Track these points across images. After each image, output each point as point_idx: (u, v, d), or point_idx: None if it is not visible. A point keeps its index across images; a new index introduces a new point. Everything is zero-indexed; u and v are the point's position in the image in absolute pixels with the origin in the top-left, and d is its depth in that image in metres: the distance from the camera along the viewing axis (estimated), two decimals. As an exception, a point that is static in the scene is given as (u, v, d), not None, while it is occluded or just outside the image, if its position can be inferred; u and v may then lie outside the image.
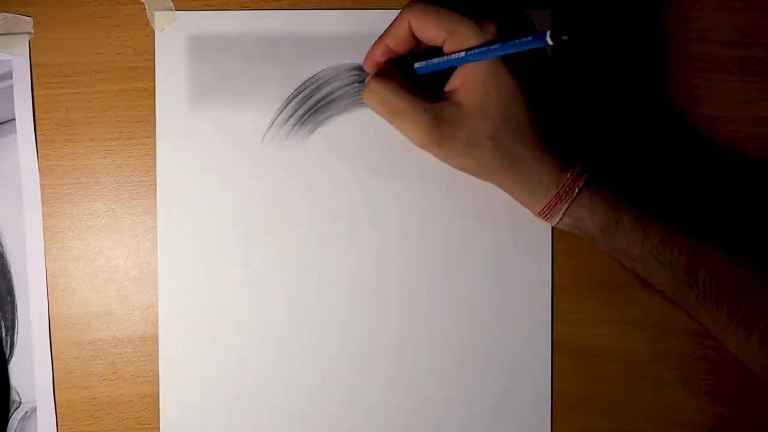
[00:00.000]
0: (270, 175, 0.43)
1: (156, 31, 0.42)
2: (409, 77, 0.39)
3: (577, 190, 0.37)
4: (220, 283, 0.42)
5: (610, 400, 0.44)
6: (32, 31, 0.42)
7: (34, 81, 0.42)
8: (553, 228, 0.43)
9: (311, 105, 0.43)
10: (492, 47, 0.36)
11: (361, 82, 0.43)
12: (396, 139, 0.43)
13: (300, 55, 0.43)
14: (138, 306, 0.42)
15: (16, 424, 0.42)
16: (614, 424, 0.44)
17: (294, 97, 0.43)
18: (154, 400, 0.42)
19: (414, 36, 0.38)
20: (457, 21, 0.36)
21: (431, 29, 0.37)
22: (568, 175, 0.37)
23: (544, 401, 0.43)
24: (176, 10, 0.42)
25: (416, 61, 0.40)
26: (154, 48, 0.42)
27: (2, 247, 0.42)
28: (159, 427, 0.42)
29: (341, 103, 0.43)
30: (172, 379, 0.42)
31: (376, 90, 0.38)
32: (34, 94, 0.42)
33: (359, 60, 0.42)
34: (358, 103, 0.43)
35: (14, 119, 0.42)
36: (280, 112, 0.43)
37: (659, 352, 0.44)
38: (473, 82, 0.37)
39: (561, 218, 0.37)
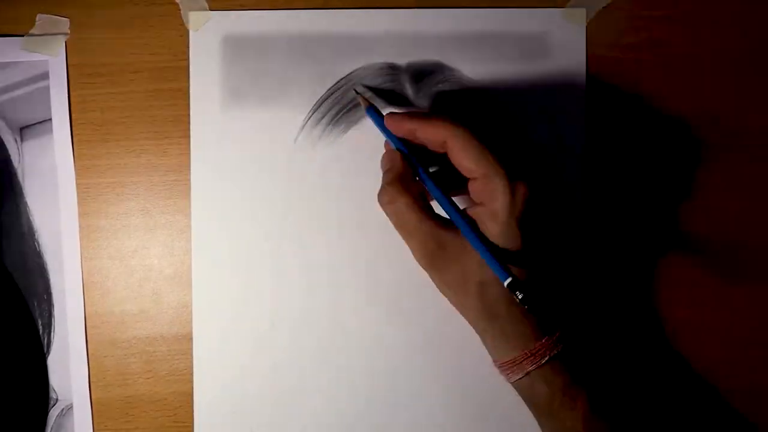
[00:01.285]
0: (303, 174, 0.43)
1: (190, 31, 0.42)
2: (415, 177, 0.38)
3: (547, 358, 0.36)
4: (253, 281, 0.42)
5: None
6: (68, 31, 0.42)
7: (70, 81, 0.42)
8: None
9: (344, 105, 0.43)
10: (474, 241, 0.35)
11: (394, 81, 0.43)
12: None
13: (333, 54, 0.43)
14: (172, 305, 0.43)
15: (53, 421, 0.42)
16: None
17: (327, 97, 0.43)
18: (189, 398, 0.42)
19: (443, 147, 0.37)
20: (495, 171, 0.35)
21: (468, 162, 0.36)
22: (543, 341, 0.36)
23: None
24: (210, 10, 0.42)
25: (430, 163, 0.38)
26: (188, 48, 0.42)
27: (39, 246, 0.42)
28: (193, 425, 0.42)
29: (375, 102, 0.43)
30: (206, 377, 0.42)
31: (391, 198, 0.37)
32: (70, 94, 0.42)
33: (392, 59, 0.43)
34: (391, 102, 0.43)
35: (51, 119, 0.42)
36: (314, 112, 0.43)
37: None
38: (482, 227, 0.36)
39: (520, 378, 0.37)
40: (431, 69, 0.43)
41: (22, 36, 0.42)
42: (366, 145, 0.43)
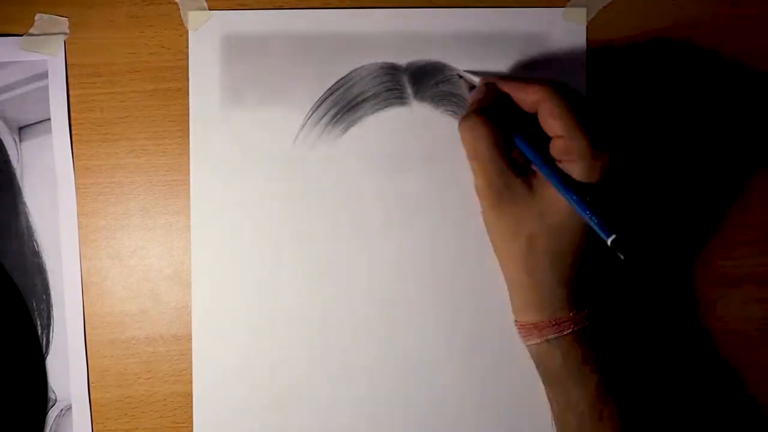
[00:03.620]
0: (303, 174, 0.43)
1: (190, 31, 0.42)
2: (505, 125, 0.38)
3: (568, 331, 0.36)
4: (253, 281, 0.42)
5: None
6: (67, 31, 0.42)
7: (69, 81, 0.42)
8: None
9: (344, 104, 0.43)
10: (576, 200, 0.35)
11: (394, 81, 0.43)
12: (428, 138, 0.43)
13: (333, 54, 0.42)
14: (172, 305, 0.43)
15: (52, 421, 0.42)
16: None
17: (327, 97, 0.43)
18: (188, 398, 0.42)
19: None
20: (581, 135, 0.36)
21: (554, 122, 0.36)
22: (570, 314, 0.37)
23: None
24: (210, 9, 0.42)
25: (520, 127, 0.39)
26: (187, 48, 0.42)
27: (38, 246, 0.42)
28: (193, 426, 0.42)
29: (374, 102, 0.43)
30: (206, 378, 0.42)
31: (474, 128, 0.37)
32: (69, 94, 0.42)
33: (392, 59, 0.42)
34: (391, 102, 0.43)
35: (49, 119, 0.42)
36: (313, 112, 0.43)
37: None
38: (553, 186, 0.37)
39: (538, 343, 0.37)
40: (431, 69, 0.43)
41: (21, 36, 0.42)
42: (366, 145, 0.43)
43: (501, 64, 0.43)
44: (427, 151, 0.43)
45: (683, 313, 0.43)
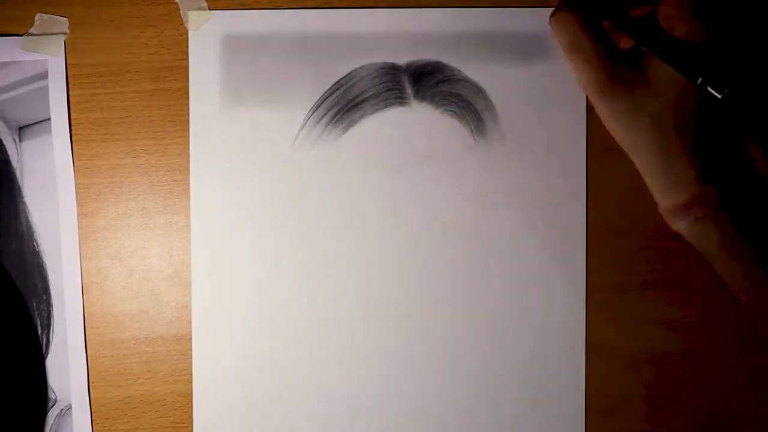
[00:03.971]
0: (303, 174, 0.43)
1: (190, 31, 0.42)
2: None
3: (716, 203, 0.36)
4: (253, 281, 0.42)
5: (644, 402, 0.43)
6: (67, 31, 0.42)
7: (69, 81, 0.42)
8: (587, 227, 0.43)
9: (344, 105, 0.43)
10: (659, 49, 0.36)
11: (394, 81, 0.43)
12: (428, 138, 0.43)
13: (333, 54, 0.42)
14: (172, 305, 0.43)
15: (52, 421, 0.42)
16: (649, 427, 0.43)
17: (327, 97, 0.43)
18: (188, 398, 0.42)
19: None
20: None
21: None
22: (712, 187, 0.36)
23: (579, 403, 0.43)
24: (210, 9, 0.42)
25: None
26: (187, 47, 0.42)
27: (38, 246, 0.42)
28: (193, 426, 0.42)
29: (374, 102, 0.43)
30: (206, 378, 0.42)
31: (565, 20, 0.37)
32: (69, 94, 0.42)
33: (392, 59, 0.42)
34: (391, 102, 0.43)
35: (49, 119, 0.42)
36: (313, 112, 0.43)
37: (696, 354, 0.43)
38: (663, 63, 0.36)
39: (687, 226, 0.37)
40: (431, 69, 0.43)
41: (21, 35, 0.42)
42: (366, 145, 0.43)
43: (501, 64, 0.43)
44: (427, 151, 0.43)
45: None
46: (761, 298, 0.37)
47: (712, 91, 0.35)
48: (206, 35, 0.42)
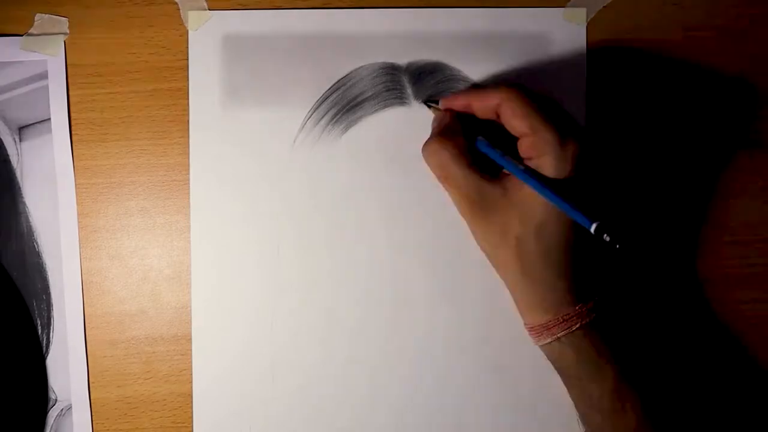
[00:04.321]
0: (302, 174, 0.43)
1: (189, 31, 0.42)
2: (470, 137, 0.39)
3: (578, 326, 0.36)
4: (253, 282, 0.42)
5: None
6: (67, 31, 0.42)
7: (69, 81, 0.42)
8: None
9: (344, 105, 0.43)
10: (546, 191, 0.35)
11: (394, 81, 0.43)
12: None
13: (333, 54, 0.42)
14: (172, 305, 0.43)
15: (52, 421, 0.42)
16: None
17: (327, 97, 0.43)
18: (188, 398, 0.42)
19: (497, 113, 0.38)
20: (544, 128, 0.36)
21: (517, 121, 0.36)
22: (576, 308, 0.36)
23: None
24: (210, 9, 0.42)
25: (489, 129, 0.39)
26: (187, 48, 0.42)
27: (38, 246, 0.42)
28: (193, 426, 0.42)
29: (374, 102, 0.43)
30: (206, 378, 0.42)
31: (436, 151, 0.38)
32: (69, 94, 0.42)
33: (392, 59, 0.42)
34: (390, 102, 0.43)
35: (50, 119, 0.42)
36: (313, 112, 0.43)
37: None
38: (527, 185, 0.37)
39: (549, 342, 0.37)
40: (431, 69, 0.43)
41: (21, 36, 0.42)
42: (366, 145, 0.43)
43: (501, 64, 0.43)
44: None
45: (690, 294, 0.43)
46: (617, 421, 0.36)
47: (605, 237, 0.34)
48: (206, 35, 0.42)
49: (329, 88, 0.43)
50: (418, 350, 0.43)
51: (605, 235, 0.34)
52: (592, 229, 0.34)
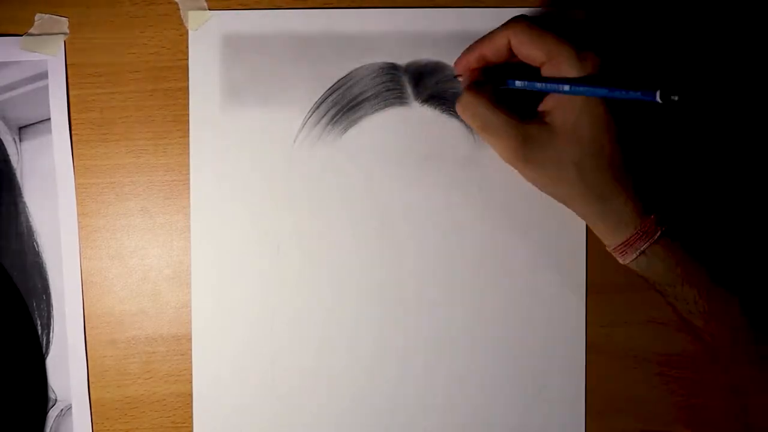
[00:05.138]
0: (303, 174, 0.43)
1: (189, 31, 0.42)
2: (500, 88, 0.39)
3: (658, 234, 0.36)
4: (253, 282, 0.42)
5: (644, 401, 0.43)
6: (67, 31, 0.42)
7: (69, 81, 0.42)
8: (587, 228, 0.43)
9: (344, 105, 0.43)
10: (598, 90, 0.36)
11: (394, 81, 0.43)
12: (428, 138, 0.43)
13: (333, 54, 0.42)
14: (171, 305, 0.43)
15: (52, 421, 0.42)
16: (648, 427, 0.43)
17: (327, 97, 0.43)
18: (188, 398, 0.42)
19: (511, 50, 0.38)
20: (559, 47, 0.36)
21: (531, 49, 0.37)
22: (652, 217, 0.37)
23: (579, 403, 0.43)
24: (209, 9, 0.42)
25: (509, 73, 0.39)
26: (187, 47, 0.42)
27: (38, 246, 0.42)
28: (193, 426, 0.42)
29: (374, 102, 0.43)
30: (206, 378, 0.42)
31: (470, 103, 0.38)
32: (69, 94, 0.42)
33: (392, 59, 0.42)
34: (391, 102, 0.43)
35: (50, 119, 0.42)
36: (313, 112, 0.43)
37: (696, 354, 0.43)
38: (567, 107, 0.37)
39: (635, 257, 0.37)
40: (431, 69, 0.43)
41: (21, 35, 0.42)
42: (365, 144, 0.43)
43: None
44: (427, 151, 0.43)
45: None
46: (718, 322, 0.37)
47: (673, 98, 0.34)
48: (206, 35, 0.42)
49: (329, 88, 0.43)
50: (417, 350, 0.43)
51: (673, 96, 0.33)
52: (658, 97, 0.34)
